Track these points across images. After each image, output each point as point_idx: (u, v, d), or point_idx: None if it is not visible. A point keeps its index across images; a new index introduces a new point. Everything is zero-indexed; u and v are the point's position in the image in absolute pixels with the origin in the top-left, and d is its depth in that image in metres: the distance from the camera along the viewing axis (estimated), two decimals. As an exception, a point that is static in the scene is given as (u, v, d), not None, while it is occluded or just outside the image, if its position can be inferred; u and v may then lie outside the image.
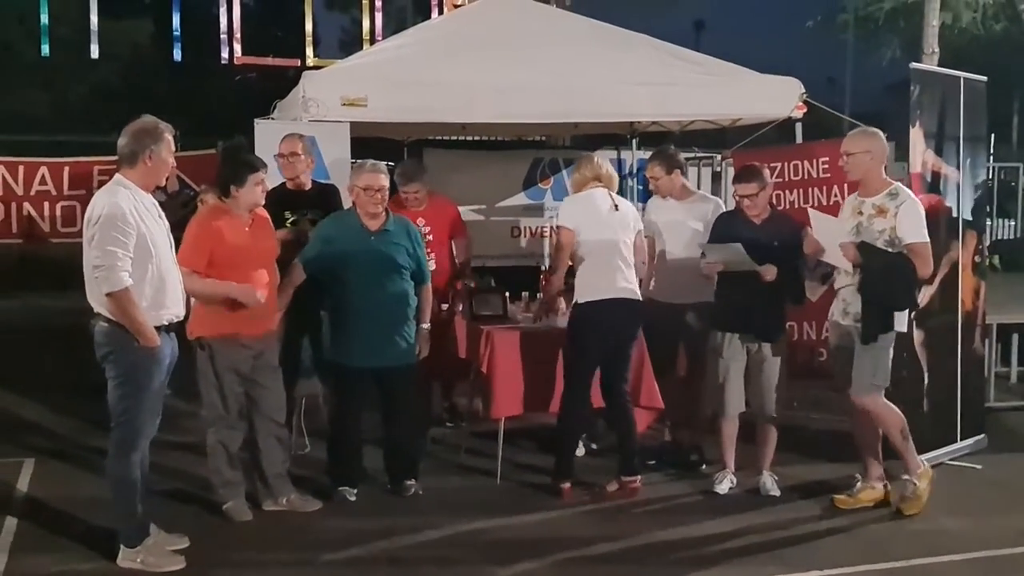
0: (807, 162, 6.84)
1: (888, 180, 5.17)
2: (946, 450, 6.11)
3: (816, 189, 6.79)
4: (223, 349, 4.86)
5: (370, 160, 5.36)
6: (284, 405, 5.13)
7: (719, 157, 8.75)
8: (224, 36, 11.66)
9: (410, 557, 4.64)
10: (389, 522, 5.00)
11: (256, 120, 6.42)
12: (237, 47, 11.71)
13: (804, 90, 7.18)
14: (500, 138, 9.97)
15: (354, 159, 6.13)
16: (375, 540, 4.77)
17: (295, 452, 5.74)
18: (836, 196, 6.51)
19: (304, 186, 5.82)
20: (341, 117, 6.33)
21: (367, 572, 4.50)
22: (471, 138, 9.74)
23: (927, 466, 5.30)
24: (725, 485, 5.50)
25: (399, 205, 6.01)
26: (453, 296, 6.26)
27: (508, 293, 6.09)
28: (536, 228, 9.18)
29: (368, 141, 7.51)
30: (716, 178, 8.80)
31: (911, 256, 4.98)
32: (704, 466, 5.84)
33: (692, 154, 8.90)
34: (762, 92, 7.23)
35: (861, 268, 5.03)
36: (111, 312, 4.20)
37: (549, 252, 8.72)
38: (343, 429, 5.33)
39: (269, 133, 6.10)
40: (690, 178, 7.25)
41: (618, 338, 5.38)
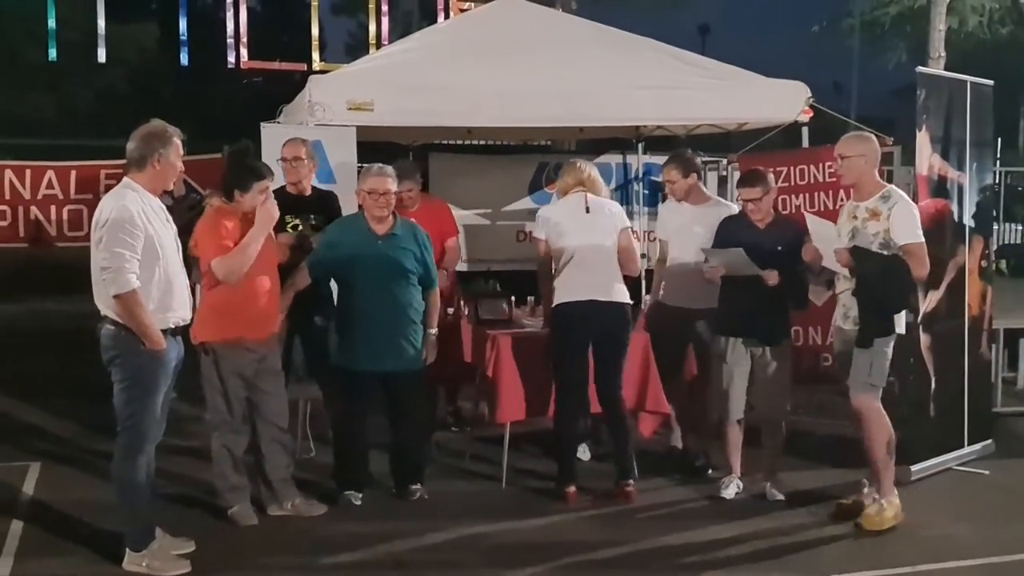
0: (813, 166, 6.83)
1: (881, 183, 5.12)
2: (953, 455, 6.08)
3: (822, 193, 6.78)
4: (227, 354, 4.86)
5: (377, 164, 5.35)
6: (286, 410, 5.13)
7: (725, 161, 8.75)
8: (231, 40, 11.71)
9: (415, 561, 4.63)
10: (394, 526, 5.00)
11: (262, 124, 6.43)
12: (244, 51, 11.76)
13: (811, 94, 7.15)
14: (505, 142, 9.96)
15: (360, 163, 6.14)
16: (380, 544, 4.76)
17: (300, 456, 5.74)
18: (842, 200, 6.42)
19: (305, 191, 5.82)
20: (347, 121, 6.34)
21: (372, 576, 4.50)
22: (477, 142, 9.73)
23: (897, 500, 5.04)
24: (731, 490, 5.49)
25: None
26: (459, 300, 6.26)
27: (513, 297, 6.08)
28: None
29: (374, 145, 7.51)
30: (722, 182, 8.80)
31: (906, 257, 4.90)
32: (711, 471, 5.82)
33: (698, 158, 8.88)
34: (768, 96, 7.20)
35: (856, 273, 4.98)
36: (118, 314, 4.21)
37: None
38: (349, 433, 5.32)
39: (275, 137, 6.09)
40: (701, 182, 7.23)
41: (597, 340, 5.35)
